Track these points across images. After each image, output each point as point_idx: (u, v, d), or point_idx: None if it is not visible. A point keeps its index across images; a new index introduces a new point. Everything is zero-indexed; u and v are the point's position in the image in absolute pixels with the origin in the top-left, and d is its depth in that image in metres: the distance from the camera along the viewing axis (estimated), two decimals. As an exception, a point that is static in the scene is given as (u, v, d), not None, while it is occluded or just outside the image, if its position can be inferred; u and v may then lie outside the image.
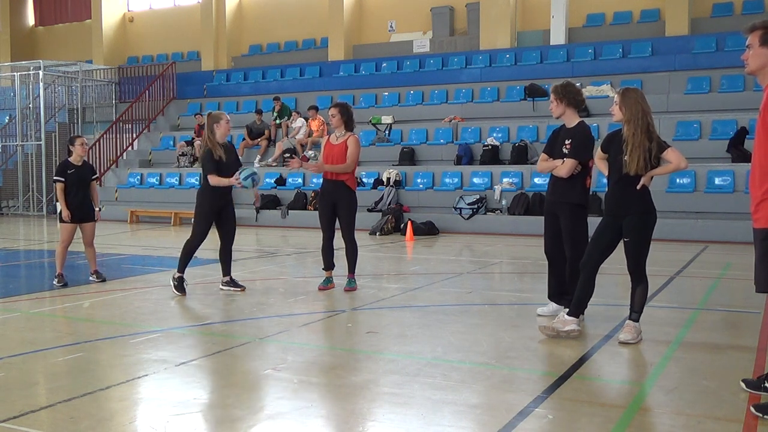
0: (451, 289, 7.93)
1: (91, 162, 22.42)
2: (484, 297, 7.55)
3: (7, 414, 3.88)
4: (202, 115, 20.28)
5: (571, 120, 6.07)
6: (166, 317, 6.69)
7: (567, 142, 5.97)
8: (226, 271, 7.79)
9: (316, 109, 18.37)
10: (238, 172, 7.37)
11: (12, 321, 6.44)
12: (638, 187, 5.31)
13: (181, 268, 7.58)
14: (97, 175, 8.78)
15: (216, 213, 7.64)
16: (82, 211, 8.29)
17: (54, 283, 8.14)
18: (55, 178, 8.30)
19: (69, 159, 8.31)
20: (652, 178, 5.35)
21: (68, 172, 8.19)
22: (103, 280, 8.38)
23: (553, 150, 6.12)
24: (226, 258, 7.78)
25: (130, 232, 15.70)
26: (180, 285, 7.53)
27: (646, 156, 5.21)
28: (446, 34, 21.10)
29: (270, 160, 18.55)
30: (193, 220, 7.90)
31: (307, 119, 18.45)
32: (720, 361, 5.05)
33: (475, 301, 7.24)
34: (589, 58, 18.47)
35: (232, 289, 7.72)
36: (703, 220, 13.02)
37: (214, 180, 7.45)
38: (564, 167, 5.92)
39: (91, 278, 8.43)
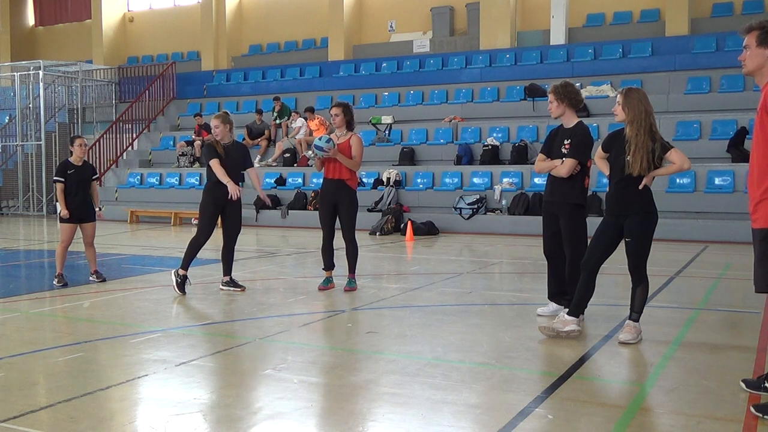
0: (451, 289, 7.93)
1: (91, 162, 22.44)
2: (484, 297, 7.55)
3: (7, 414, 3.89)
4: (201, 116, 20.30)
5: (570, 120, 6.07)
6: (166, 317, 6.69)
7: (566, 141, 5.96)
8: (227, 270, 7.78)
9: (312, 110, 18.38)
10: (316, 140, 7.44)
11: (12, 321, 6.44)
12: (640, 187, 5.30)
13: (185, 266, 7.59)
14: (98, 175, 8.80)
15: (220, 208, 7.61)
16: (83, 211, 8.31)
17: (54, 283, 8.14)
18: (54, 178, 8.32)
19: (69, 159, 8.35)
20: (653, 178, 5.35)
21: (68, 172, 8.22)
22: (103, 280, 8.37)
23: (550, 150, 6.12)
24: (227, 257, 7.76)
25: (130, 232, 15.70)
26: (182, 284, 7.54)
27: (650, 157, 5.20)
28: (446, 34, 21.11)
29: (270, 160, 18.57)
30: (198, 217, 7.87)
31: (305, 119, 18.46)
32: (720, 361, 5.05)
33: (475, 301, 7.24)
34: (589, 58, 18.47)
35: (232, 289, 7.72)
36: (703, 220, 13.02)
37: (215, 165, 7.45)
38: (564, 167, 5.91)
39: (91, 278, 8.43)
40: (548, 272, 6.34)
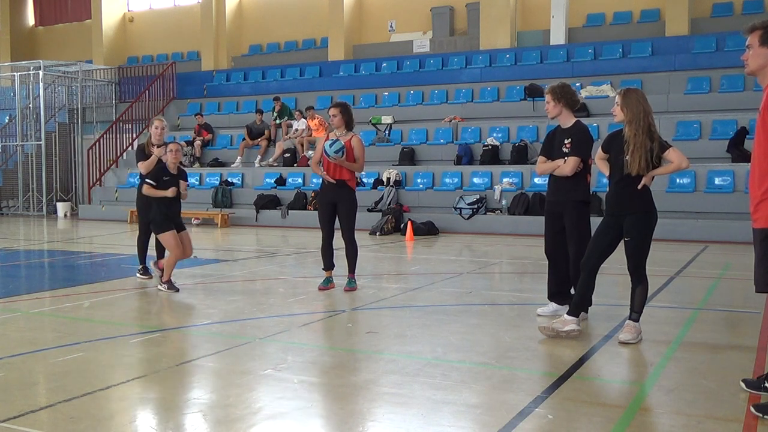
0: (451, 289, 7.93)
1: (90, 162, 22.26)
2: (484, 297, 7.55)
3: (7, 414, 3.88)
4: (202, 115, 20.32)
5: (567, 120, 6.11)
6: (166, 317, 6.69)
7: (566, 141, 5.99)
8: (142, 259, 8.51)
9: (311, 109, 18.40)
10: (329, 142, 7.37)
11: (12, 321, 6.44)
12: (639, 186, 5.32)
13: (142, 261, 8.50)
14: (188, 182, 8.10)
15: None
16: (177, 219, 7.80)
17: (163, 288, 7.60)
18: (147, 180, 7.75)
19: (165, 164, 7.79)
20: (653, 177, 5.37)
21: (164, 179, 7.71)
22: (177, 291, 7.61)
23: (550, 151, 6.14)
24: (144, 246, 8.51)
25: (130, 232, 15.68)
26: (144, 272, 8.42)
27: (648, 156, 5.22)
28: (446, 34, 21.10)
29: (270, 159, 18.57)
30: (137, 217, 8.71)
31: (306, 119, 18.48)
32: (720, 361, 5.05)
33: (475, 301, 7.24)
34: (589, 58, 18.47)
35: (142, 277, 8.43)
36: (703, 220, 13.01)
37: (142, 166, 8.25)
38: (567, 165, 5.93)
39: (160, 287, 7.71)
40: (549, 272, 6.35)
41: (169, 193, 7.66)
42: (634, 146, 5.23)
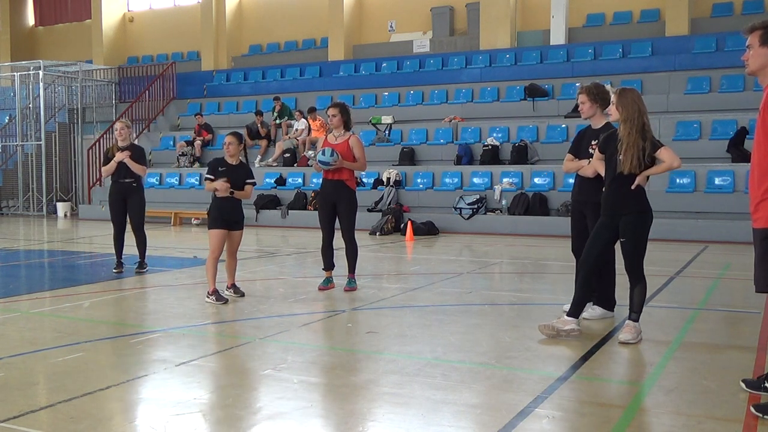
0: (451, 289, 7.93)
1: (91, 162, 22.17)
2: (484, 297, 7.55)
3: (7, 414, 3.88)
4: (202, 115, 20.31)
5: (599, 121, 6.12)
6: (166, 317, 6.69)
7: (593, 142, 5.98)
8: (140, 255, 9.16)
9: (313, 110, 18.41)
10: (319, 155, 7.46)
11: (12, 321, 6.44)
12: (633, 186, 5.33)
13: (118, 255, 9.21)
14: (254, 180, 7.38)
15: (121, 202, 9.10)
16: (232, 217, 7.19)
17: (212, 300, 7.03)
18: (205, 176, 7.21)
19: (225, 157, 7.24)
20: (648, 177, 5.38)
21: (219, 169, 7.15)
22: (242, 295, 7.35)
23: (578, 150, 6.16)
24: (137, 244, 9.17)
25: (130, 232, 15.68)
26: (117, 266, 9.14)
27: (640, 155, 5.25)
28: (446, 34, 21.11)
29: (270, 160, 18.57)
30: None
31: (307, 119, 18.47)
32: (720, 361, 5.05)
33: (475, 301, 7.24)
34: (589, 58, 18.47)
35: (141, 270, 9.03)
36: (703, 220, 13.01)
37: (103, 170, 9.22)
38: (590, 168, 5.92)
39: (227, 292, 7.35)
40: (576, 269, 6.34)
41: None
42: (627, 145, 5.27)
